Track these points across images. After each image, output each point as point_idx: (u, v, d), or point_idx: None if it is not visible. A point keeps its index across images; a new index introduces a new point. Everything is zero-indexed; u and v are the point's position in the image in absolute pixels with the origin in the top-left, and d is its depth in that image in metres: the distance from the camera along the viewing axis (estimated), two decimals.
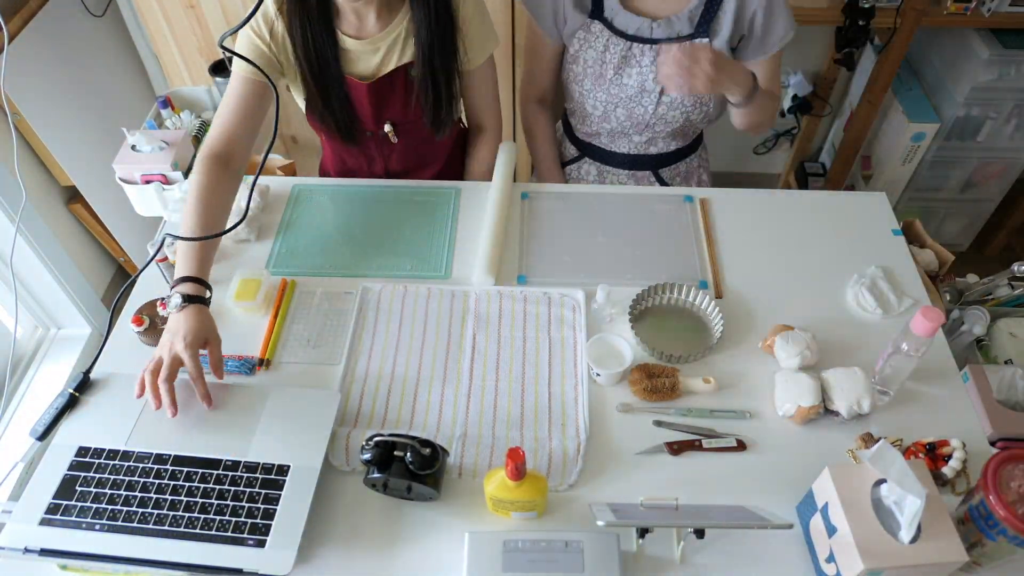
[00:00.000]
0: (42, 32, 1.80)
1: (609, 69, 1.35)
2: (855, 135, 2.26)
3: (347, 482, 0.98)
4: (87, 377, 1.05)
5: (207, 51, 2.02)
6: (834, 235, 1.30)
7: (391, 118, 1.33)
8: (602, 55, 1.35)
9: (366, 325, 1.17)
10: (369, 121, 1.33)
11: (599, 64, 1.36)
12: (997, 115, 2.12)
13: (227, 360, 1.11)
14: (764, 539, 0.92)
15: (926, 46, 2.26)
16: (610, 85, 1.37)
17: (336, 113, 1.30)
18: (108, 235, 2.06)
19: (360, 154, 1.43)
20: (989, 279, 1.38)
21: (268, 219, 1.35)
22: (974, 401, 1.06)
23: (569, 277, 1.24)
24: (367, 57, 1.26)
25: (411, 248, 1.29)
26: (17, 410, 1.83)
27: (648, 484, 0.98)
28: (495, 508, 0.93)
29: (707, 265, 1.26)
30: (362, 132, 1.36)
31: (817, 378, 1.03)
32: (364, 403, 1.07)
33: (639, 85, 1.35)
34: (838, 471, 0.86)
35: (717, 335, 1.12)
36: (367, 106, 1.30)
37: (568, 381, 1.09)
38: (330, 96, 1.27)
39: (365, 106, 1.30)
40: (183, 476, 0.94)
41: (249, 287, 1.17)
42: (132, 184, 1.50)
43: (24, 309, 1.93)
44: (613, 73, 1.35)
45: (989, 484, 0.80)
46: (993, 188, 2.35)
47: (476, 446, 1.01)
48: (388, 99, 1.30)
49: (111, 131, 1.64)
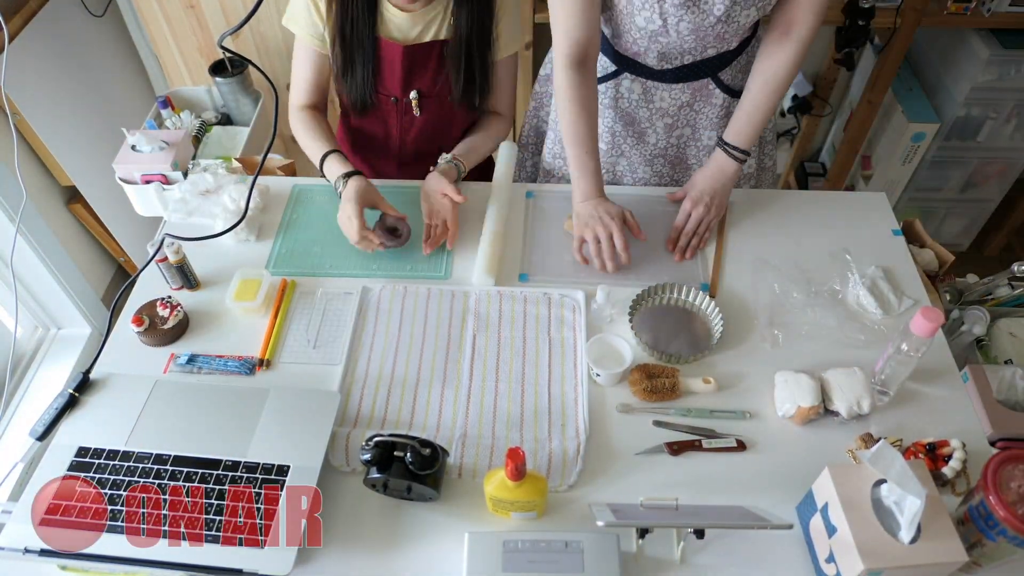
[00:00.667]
0: (42, 32, 1.80)
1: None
2: (855, 135, 2.26)
3: (347, 482, 0.98)
4: (87, 377, 1.05)
5: (207, 51, 2.02)
6: (834, 235, 1.30)
7: (419, 87, 1.35)
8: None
9: (366, 325, 1.17)
10: (397, 86, 1.34)
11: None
12: (997, 115, 2.13)
13: (227, 360, 1.11)
14: (764, 539, 0.92)
15: (926, 46, 2.26)
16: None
17: (356, 74, 1.32)
18: (108, 235, 2.06)
19: (377, 122, 1.44)
20: (989, 279, 1.38)
21: (268, 219, 1.34)
22: (974, 401, 1.06)
23: (570, 276, 1.24)
24: (407, 25, 1.29)
25: (411, 248, 1.29)
26: (17, 410, 1.83)
27: (648, 484, 0.98)
28: (495, 508, 0.93)
29: (708, 266, 1.26)
30: (386, 98, 1.37)
31: (817, 378, 1.03)
32: (364, 403, 1.07)
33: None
34: (838, 471, 0.86)
35: (717, 335, 1.12)
36: (399, 69, 1.32)
37: (568, 382, 1.09)
38: (355, 56, 1.30)
39: (396, 69, 1.32)
40: (183, 476, 0.94)
41: (249, 287, 1.17)
42: (132, 184, 1.50)
43: (24, 309, 1.93)
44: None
45: (989, 484, 0.80)
46: (993, 188, 2.35)
47: (476, 446, 1.01)
48: (420, 67, 1.33)
49: (111, 131, 1.63)
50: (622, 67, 1.30)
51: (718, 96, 1.31)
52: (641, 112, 1.34)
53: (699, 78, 1.28)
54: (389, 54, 1.30)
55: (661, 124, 1.35)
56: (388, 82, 1.34)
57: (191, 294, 1.21)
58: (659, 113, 1.33)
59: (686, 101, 1.31)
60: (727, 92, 1.31)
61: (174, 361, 1.12)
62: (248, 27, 1.96)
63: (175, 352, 1.13)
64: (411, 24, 1.28)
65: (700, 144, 1.40)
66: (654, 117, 1.34)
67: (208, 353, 1.13)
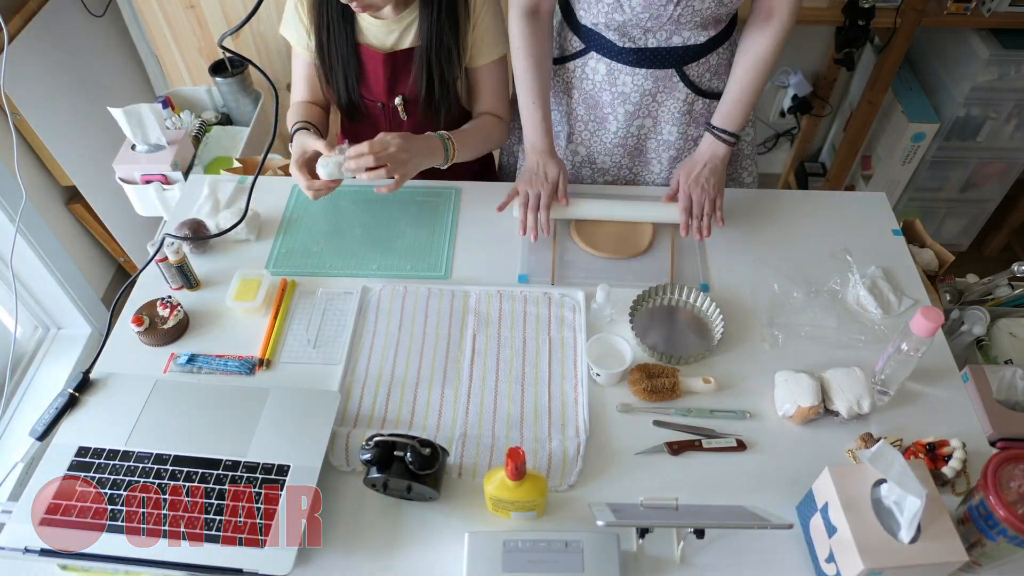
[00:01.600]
0: (42, 32, 1.80)
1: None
2: (855, 135, 2.26)
3: (347, 482, 0.98)
4: (87, 377, 1.05)
5: (207, 51, 2.02)
6: (834, 235, 1.30)
7: (403, 92, 1.36)
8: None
9: (366, 325, 1.17)
10: (382, 92, 1.36)
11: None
12: (997, 115, 2.13)
13: (227, 360, 1.12)
14: (764, 539, 0.92)
15: (926, 46, 2.26)
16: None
17: (339, 80, 1.34)
18: (108, 235, 2.06)
19: (369, 126, 1.44)
20: (989, 279, 1.38)
21: (268, 219, 1.35)
22: (974, 401, 1.06)
23: (570, 277, 1.24)
24: (382, 33, 1.30)
25: (411, 248, 1.29)
26: (17, 410, 1.83)
27: (648, 484, 0.98)
28: (495, 508, 0.93)
29: (709, 266, 1.26)
30: (373, 103, 1.38)
31: (817, 378, 1.03)
32: (364, 403, 1.07)
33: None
34: (838, 471, 0.86)
35: (718, 336, 1.12)
36: (382, 76, 1.33)
37: (568, 381, 1.09)
38: (335, 64, 1.32)
39: (380, 76, 1.33)
40: (183, 476, 0.94)
41: (249, 287, 1.17)
42: (132, 184, 1.50)
43: (24, 309, 1.93)
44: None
45: (989, 484, 0.80)
46: (993, 188, 2.35)
47: (476, 446, 1.01)
48: (403, 73, 1.33)
49: (111, 131, 1.63)
50: (589, 45, 1.31)
51: (681, 90, 1.31)
52: (604, 95, 1.34)
53: (663, 67, 1.29)
54: (371, 61, 1.32)
55: (622, 110, 1.35)
56: (374, 88, 1.36)
57: (191, 294, 1.21)
58: (621, 98, 1.33)
59: (648, 89, 1.31)
60: (691, 88, 1.31)
61: (174, 361, 1.12)
62: (248, 27, 1.96)
63: (175, 352, 1.13)
64: (387, 32, 1.29)
65: (660, 138, 1.39)
66: (616, 102, 1.34)
67: (208, 353, 1.13)
